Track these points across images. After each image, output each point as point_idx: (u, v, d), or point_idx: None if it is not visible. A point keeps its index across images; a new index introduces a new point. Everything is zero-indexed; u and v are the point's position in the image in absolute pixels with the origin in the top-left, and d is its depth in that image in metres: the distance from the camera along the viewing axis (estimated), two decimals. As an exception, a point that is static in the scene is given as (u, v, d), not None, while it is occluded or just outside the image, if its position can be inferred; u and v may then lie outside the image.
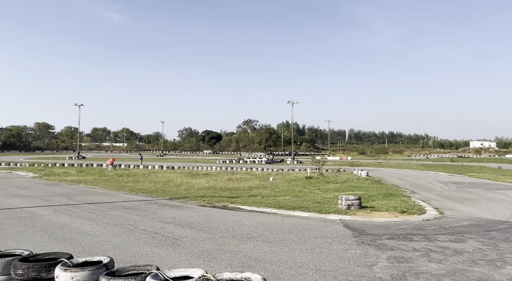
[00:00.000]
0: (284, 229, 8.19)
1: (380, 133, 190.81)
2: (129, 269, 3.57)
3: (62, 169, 30.84)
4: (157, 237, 7.24)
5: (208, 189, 16.79)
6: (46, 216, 9.41)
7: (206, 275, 3.24)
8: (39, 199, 12.71)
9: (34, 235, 7.34)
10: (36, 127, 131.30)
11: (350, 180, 22.34)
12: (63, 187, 17.30)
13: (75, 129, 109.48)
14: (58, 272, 3.38)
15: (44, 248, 6.19)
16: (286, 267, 5.44)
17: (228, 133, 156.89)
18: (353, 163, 51.24)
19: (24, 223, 8.46)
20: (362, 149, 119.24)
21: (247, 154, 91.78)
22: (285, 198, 13.99)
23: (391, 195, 14.81)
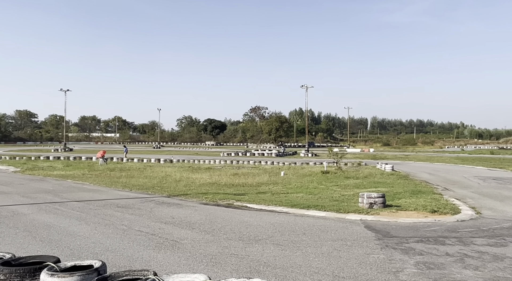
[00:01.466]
0: (297, 230, 8.22)
1: (407, 122, 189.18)
2: (123, 274, 3.61)
3: (47, 163, 31.31)
4: (154, 239, 7.33)
5: (211, 185, 16.90)
6: (30, 215, 9.58)
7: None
8: (21, 196, 12.93)
9: (17, 236, 7.49)
10: (17, 115, 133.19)
11: (372, 175, 22.26)
12: (48, 182, 17.57)
13: (61, 118, 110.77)
14: (44, 277, 3.43)
15: (28, 251, 6.31)
16: (299, 273, 5.46)
17: (233, 122, 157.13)
18: (376, 156, 51.01)
19: (5, 223, 8.63)
20: (386, 140, 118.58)
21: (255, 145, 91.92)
22: (298, 195, 14.02)
23: (420, 192, 14.73)
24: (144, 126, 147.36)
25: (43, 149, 65.31)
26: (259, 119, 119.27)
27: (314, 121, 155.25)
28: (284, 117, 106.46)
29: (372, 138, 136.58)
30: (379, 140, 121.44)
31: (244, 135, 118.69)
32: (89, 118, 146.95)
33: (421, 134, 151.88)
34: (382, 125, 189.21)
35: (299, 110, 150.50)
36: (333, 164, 27.70)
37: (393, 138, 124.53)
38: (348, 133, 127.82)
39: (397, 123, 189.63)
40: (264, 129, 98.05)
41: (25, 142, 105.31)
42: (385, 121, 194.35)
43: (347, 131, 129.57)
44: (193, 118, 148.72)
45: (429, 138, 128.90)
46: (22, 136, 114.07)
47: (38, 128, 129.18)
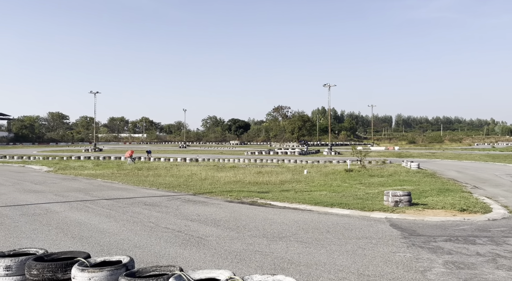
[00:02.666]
0: (320, 228, 8.13)
1: (434, 119, 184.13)
2: (150, 269, 3.66)
3: (78, 162, 32.30)
4: (180, 236, 7.41)
5: (235, 183, 16.97)
6: (62, 213, 9.89)
7: (234, 277, 3.26)
8: (54, 195, 13.38)
9: (50, 232, 7.74)
10: (50, 117, 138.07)
11: (397, 173, 21.79)
12: (80, 181, 18.11)
13: (91, 120, 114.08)
14: (75, 272, 3.52)
15: (60, 247, 6.51)
16: (323, 270, 5.39)
17: (256, 121, 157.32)
18: (401, 154, 49.87)
19: (38, 220, 8.94)
20: (412, 137, 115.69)
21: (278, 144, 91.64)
22: (322, 193, 13.87)
23: (448, 190, 14.29)
24: (171, 127, 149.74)
25: (75, 149, 67.42)
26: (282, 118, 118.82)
27: (337, 120, 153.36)
28: (306, 116, 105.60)
29: (397, 136, 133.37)
30: (404, 138, 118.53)
31: (268, 134, 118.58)
32: (118, 119, 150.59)
33: (448, 131, 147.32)
34: (407, 123, 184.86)
35: (321, 109, 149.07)
36: (357, 162, 27.28)
37: (419, 136, 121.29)
38: (372, 131, 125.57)
39: (423, 120, 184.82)
40: (287, 129, 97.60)
41: (57, 143, 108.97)
42: (410, 119, 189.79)
43: (371, 130, 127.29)
44: (218, 119, 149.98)
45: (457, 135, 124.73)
46: (54, 137, 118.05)
47: (69, 130, 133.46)
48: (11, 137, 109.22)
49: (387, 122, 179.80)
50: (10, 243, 6.80)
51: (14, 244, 6.74)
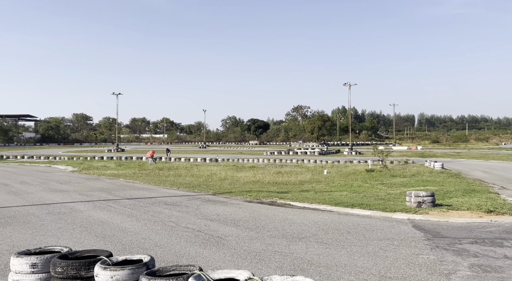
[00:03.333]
0: (341, 228, 8.04)
1: (458, 118, 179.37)
2: (170, 269, 3.70)
3: (101, 162, 33.03)
4: (200, 235, 7.47)
5: (255, 183, 16.99)
6: (86, 212, 10.13)
7: (253, 277, 3.25)
8: (78, 194, 13.72)
9: (74, 231, 7.94)
10: (74, 118, 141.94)
11: (420, 173, 21.33)
12: (103, 181, 18.51)
13: (114, 120, 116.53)
14: (98, 270, 3.59)
15: (83, 245, 6.67)
16: (344, 272, 5.32)
17: (276, 121, 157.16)
18: (424, 153, 48.79)
19: (63, 219, 9.19)
20: (435, 137, 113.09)
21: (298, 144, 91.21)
22: (342, 193, 13.72)
23: (474, 191, 13.89)
24: (191, 127, 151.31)
25: (98, 149, 68.99)
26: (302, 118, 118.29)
27: (358, 119, 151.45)
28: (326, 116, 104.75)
29: (420, 135, 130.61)
30: (428, 137, 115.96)
31: (287, 134, 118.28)
32: (139, 120, 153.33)
33: (474, 130, 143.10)
34: (430, 122, 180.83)
35: (342, 109, 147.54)
36: (378, 162, 26.86)
37: (443, 135, 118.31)
38: (393, 130, 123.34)
39: (447, 119, 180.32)
40: (306, 128, 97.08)
41: (81, 143, 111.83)
42: (434, 118, 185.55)
43: (393, 129, 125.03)
44: (237, 119, 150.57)
45: (483, 134, 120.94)
46: (79, 138, 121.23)
47: (93, 130, 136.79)
48: (38, 138, 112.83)
49: (410, 121, 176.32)
50: (37, 241, 7.02)
51: (40, 242, 6.94)
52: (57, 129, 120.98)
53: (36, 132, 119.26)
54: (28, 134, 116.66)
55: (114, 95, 67.37)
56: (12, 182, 17.92)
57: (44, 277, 3.95)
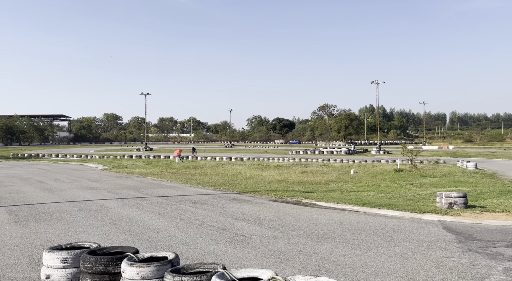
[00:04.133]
0: (367, 229, 7.88)
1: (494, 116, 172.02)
2: (194, 266, 3.74)
3: (130, 161, 33.87)
4: (225, 234, 7.52)
5: (280, 183, 16.94)
6: (115, 209, 10.41)
7: (276, 277, 3.24)
8: (108, 192, 14.12)
9: (104, 228, 8.17)
10: (105, 118, 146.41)
11: (452, 174, 20.64)
12: (131, 179, 18.97)
13: (142, 120, 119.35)
14: (124, 266, 3.68)
15: (112, 241, 6.85)
16: (370, 273, 5.21)
17: (301, 120, 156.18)
18: (456, 153, 47.17)
19: (94, 216, 9.47)
20: (468, 136, 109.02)
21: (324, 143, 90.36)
22: (369, 193, 13.47)
23: (510, 192, 13.31)
24: (217, 126, 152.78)
25: (127, 148, 70.78)
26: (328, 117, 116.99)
27: (386, 118, 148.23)
28: (353, 114, 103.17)
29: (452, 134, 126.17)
30: (460, 136, 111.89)
31: (313, 133, 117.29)
32: (167, 119, 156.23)
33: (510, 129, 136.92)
34: (463, 121, 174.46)
35: (369, 107, 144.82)
36: (407, 162, 26.18)
37: (477, 134, 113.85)
38: (423, 129, 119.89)
39: (481, 118, 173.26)
40: (333, 127, 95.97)
41: (111, 142, 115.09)
42: (467, 116, 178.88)
43: (423, 128, 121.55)
44: (263, 118, 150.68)
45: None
46: (109, 137, 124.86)
47: (122, 130, 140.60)
48: (71, 137, 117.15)
49: (441, 120, 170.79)
50: (69, 237, 7.26)
51: (72, 237, 7.19)
52: (89, 129, 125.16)
53: (69, 131, 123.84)
54: (62, 133, 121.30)
55: (142, 95, 68.85)
56: (47, 179, 18.66)
57: (74, 272, 4.08)
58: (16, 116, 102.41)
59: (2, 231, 7.90)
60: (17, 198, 12.62)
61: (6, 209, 10.48)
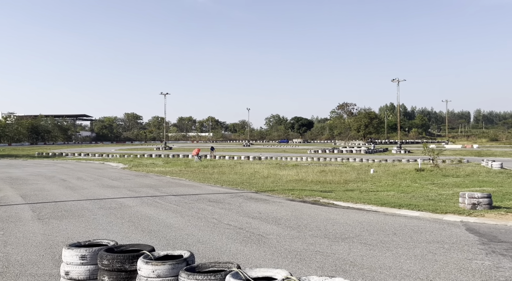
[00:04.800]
0: (386, 229, 7.74)
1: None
2: (209, 265, 3.74)
3: (149, 160, 34.38)
4: (242, 233, 7.52)
5: (298, 182, 16.85)
6: (134, 207, 10.57)
7: (290, 277, 3.21)
8: (128, 190, 14.35)
9: (122, 225, 8.31)
10: (126, 118, 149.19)
11: (476, 173, 20.08)
12: (151, 178, 19.24)
13: (162, 119, 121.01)
14: (140, 264, 3.72)
15: (131, 239, 6.95)
16: (388, 275, 5.11)
17: (320, 119, 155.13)
18: (481, 152, 45.85)
19: (114, 214, 9.65)
20: (494, 134, 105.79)
21: (343, 142, 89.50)
22: (389, 193, 13.24)
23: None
24: (235, 126, 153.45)
25: (147, 147, 71.89)
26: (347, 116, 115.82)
27: (407, 116, 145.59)
28: (373, 113, 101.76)
29: (476, 133, 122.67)
30: (485, 135, 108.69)
31: (332, 132, 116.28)
32: (186, 119, 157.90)
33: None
34: (488, 119, 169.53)
35: (390, 106, 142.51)
36: (429, 161, 25.61)
37: (503, 133, 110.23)
38: (446, 128, 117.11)
39: (508, 116, 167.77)
40: (352, 126, 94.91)
41: (132, 142, 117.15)
42: (492, 114, 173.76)
43: (445, 126, 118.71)
44: (281, 117, 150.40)
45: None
46: (129, 136, 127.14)
47: (142, 129, 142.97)
48: (93, 136, 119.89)
49: (464, 118, 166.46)
50: (89, 234, 7.42)
51: (92, 235, 7.33)
52: (110, 128, 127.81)
53: (91, 131, 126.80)
54: (85, 133, 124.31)
55: (162, 95, 69.82)
56: (70, 178, 19.13)
57: (92, 269, 4.15)
58: (41, 116, 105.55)
59: (26, 228, 8.14)
60: (41, 195, 12.98)
61: (30, 206, 10.79)
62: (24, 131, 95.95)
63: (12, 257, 6.01)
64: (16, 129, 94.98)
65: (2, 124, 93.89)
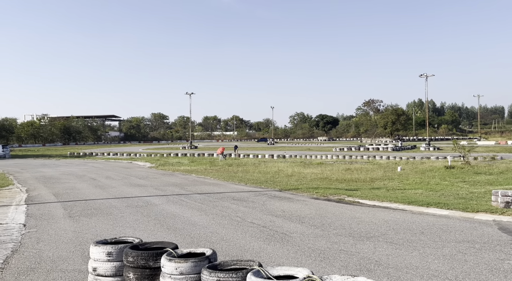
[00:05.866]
0: (413, 228, 7.54)
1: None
2: (231, 263, 3.76)
3: (175, 159, 34.94)
4: (265, 231, 7.52)
5: (322, 180, 16.68)
6: (160, 206, 10.77)
7: (312, 276, 3.18)
8: (154, 189, 14.64)
9: (148, 223, 8.48)
10: (152, 118, 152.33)
11: (510, 171, 19.26)
12: (176, 177, 19.55)
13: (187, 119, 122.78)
14: (164, 261, 3.78)
15: (156, 237, 7.08)
16: (415, 275, 4.98)
17: (345, 117, 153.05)
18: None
19: (140, 212, 9.86)
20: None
21: (369, 140, 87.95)
22: (417, 191, 12.90)
23: None
24: (259, 124, 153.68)
25: (173, 146, 73.11)
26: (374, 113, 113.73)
27: (436, 112, 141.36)
28: (401, 109, 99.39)
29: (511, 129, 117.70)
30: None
31: (358, 130, 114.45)
32: (211, 118, 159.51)
33: None
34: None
35: (418, 102, 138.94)
36: (460, 158, 24.77)
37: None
38: (478, 124, 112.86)
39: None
40: (379, 123, 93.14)
41: (159, 141, 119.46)
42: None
43: (477, 122, 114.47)
44: (305, 115, 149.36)
45: None
46: (156, 136, 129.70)
47: (169, 129, 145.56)
48: (121, 136, 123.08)
49: (498, 113, 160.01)
50: (116, 232, 7.61)
51: (119, 232, 7.53)
52: (137, 128, 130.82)
53: (120, 131, 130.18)
54: (113, 133, 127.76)
55: (187, 95, 70.79)
56: (99, 177, 19.71)
57: (118, 265, 4.26)
58: (73, 118, 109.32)
59: (58, 225, 8.45)
60: (72, 194, 13.44)
61: (62, 205, 11.19)
62: (57, 132, 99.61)
63: (44, 254, 6.26)
64: (50, 130, 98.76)
65: (36, 125, 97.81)
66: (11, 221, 8.98)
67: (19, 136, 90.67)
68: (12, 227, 8.30)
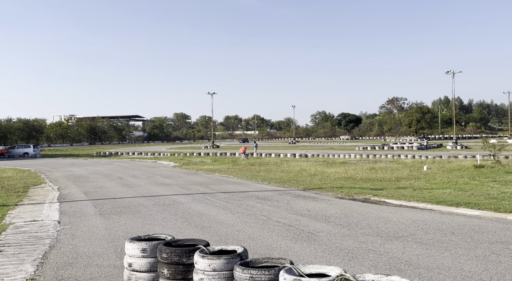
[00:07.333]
0: (443, 229, 7.41)
1: None
2: (262, 261, 3.82)
3: (198, 158, 35.36)
4: (291, 230, 7.55)
5: (346, 180, 16.55)
6: (186, 204, 10.96)
7: (345, 274, 3.19)
8: (179, 187, 14.89)
9: (176, 221, 8.66)
10: (175, 117, 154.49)
11: (543, 170, 18.53)
12: (200, 175, 19.80)
13: (209, 118, 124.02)
14: (197, 258, 3.88)
15: (184, 234, 7.23)
16: (447, 275, 4.91)
17: (368, 115, 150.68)
18: (549, 147, 42.18)
19: (167, 210, 10.07)
20: None
21: (393, 138, 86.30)
22: (445, 191, 12.62)
23: None
24: (280, 123, 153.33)
25: (196, 146, 73.91)
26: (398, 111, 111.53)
27: (464, 110, 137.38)
28: (426, 107, 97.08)
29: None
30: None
31: (381, 128, 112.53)
32: (232, 117, 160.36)
33: None
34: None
35: (444, 99, 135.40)
36: (489, 157, 24.03)
37: None
38: (509, 122, 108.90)
39: None
40: (403, 122, 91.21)
41: (181, 141, 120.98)
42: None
43: (507, 120, 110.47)
44: (327, 113, 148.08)
45: None
46: (179, 135, 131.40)
47: (191, 128, 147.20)
48: (145, 136, 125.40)
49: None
50: (146, 229, 7.82)
51: (149, 230, 7.72)
52: (160, 128, 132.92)
53: (143, 131, 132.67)
54: (137, 133, 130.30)
55: (209, 95, 71.48)
56: (126, 176, 20.20)
57: (152, 261, 4.40)
58: (98, 118, 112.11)
59: (90, 222, 8.74)
60: (101, 192, 13.84)
61: (92, 203, 11.55)
62: (84, 132, 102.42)
63: (79, 249, 6.50)
64: (77, 131, 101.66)
65: (64, 126, 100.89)
66: (46, 218, 9.35)
67: (48, 136, 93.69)
68: (47, 223, 8.64)
